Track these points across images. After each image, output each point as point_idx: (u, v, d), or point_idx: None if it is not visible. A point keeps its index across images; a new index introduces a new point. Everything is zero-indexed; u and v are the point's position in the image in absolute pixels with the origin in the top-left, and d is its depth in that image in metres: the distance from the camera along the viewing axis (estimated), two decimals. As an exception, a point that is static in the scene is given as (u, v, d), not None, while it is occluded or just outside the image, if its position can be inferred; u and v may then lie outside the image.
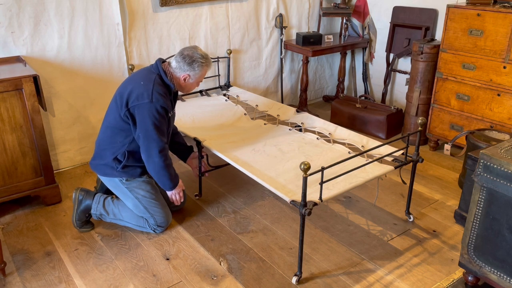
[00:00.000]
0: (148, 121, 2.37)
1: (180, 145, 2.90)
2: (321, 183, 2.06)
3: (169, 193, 2.59)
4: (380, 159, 2.44)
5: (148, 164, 2.45)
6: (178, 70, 2.50)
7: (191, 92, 3.71)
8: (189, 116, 3.25)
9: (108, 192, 2.71)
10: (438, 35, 3.73)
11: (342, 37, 4.30)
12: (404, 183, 2.64)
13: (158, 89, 2.41)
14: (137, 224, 2.60)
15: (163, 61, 2.55)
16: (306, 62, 4.19)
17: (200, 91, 3.79)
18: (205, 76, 3.80)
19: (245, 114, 3.35)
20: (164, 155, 2.43)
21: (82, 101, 3.30)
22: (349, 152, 2.72)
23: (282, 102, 4.39)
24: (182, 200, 2.64)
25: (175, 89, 2.55)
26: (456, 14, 3.21)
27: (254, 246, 2.52)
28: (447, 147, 3.54)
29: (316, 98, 4.87)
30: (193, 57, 2.47)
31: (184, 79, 2.52)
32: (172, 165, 2.52)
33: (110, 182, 2.59)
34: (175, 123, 2.87)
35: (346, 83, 4.73)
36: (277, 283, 2.24)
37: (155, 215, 2.56)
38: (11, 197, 2.77)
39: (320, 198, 2.09)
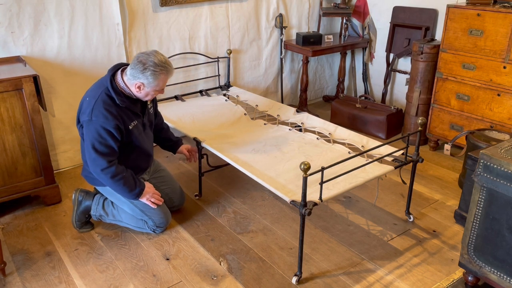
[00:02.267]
0: (88, 140, 2.30)
1: (168, 141, 2.84)
2: (321, 183, 2.06)
3: (142, 200, 2.49)
4: (380, 159, 2.44)
5: (100, 180, 2.42)
6: (132, 78, 2.29)
7: (191, 92, 3.76)
8: (189, 116, 3.25)
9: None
10: (438, 35, 3.73)
11: (342, 37, 4.30)
12: (404, 183, 2.64)
13: (100, 107, 2.26)
14: (137, 225, 2.60)
15: (119, 67, 2.39)
16: (306, 62, 4.19)
17: (200, 91, 3.79)
18: (207, 76, 3.86)
19: (245, 114, 3.35)
20: (108, 172, 2.32)
21: (82, 101, 3.30)
22: (349, 152, 2.72)
23: (282, 102, 4.39)
24: (160, 203, 2.53)
25: (135, 96, 2.38)
26: (456, 14, 3.21)
27: (254, 246, 2.52)
28: (447, 147, 3.54)
29: (316, 98, 4.87)
30: (146, 64, 2.25)
31: (138, 87, 2.31)
32: (127, 177, 2.38)
33: (104, 190, 2.58)
34: (175, 120, 2.86)
35: (346, 83, 4.73)
36: (277, 283, 2.24)
37: (153, 216, 2.56)
38: (11, 197, 2.77)
39: (320, 198, 2.09)
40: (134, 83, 2.30)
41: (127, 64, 2.40)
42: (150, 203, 2.50)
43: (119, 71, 2.37)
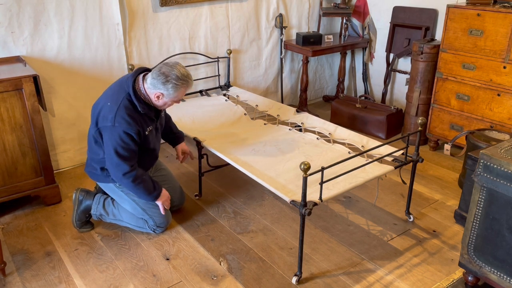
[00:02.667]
0: (110, 145, 2.32)
1: (170, 133, 2.85)
2: (321, 183, 2.06)
3: (157, 203, 2.52)
4: (380, 159, 2.44)
5: (119, 183, 2.45)
6: (152, 87, 2.32)
7: (191, 92, 3.76)
8: (189, 116, 3.25)
9: (108, 192, 2.71)
10: (438, 35, 3.73)
11: (342, 37, 4.30)
12: (404, 183, 2.64)
13: (123, 112, 2.29)
14: (137, 225, 2.60)
15: (140, 72, 2.41)
16: (306, 62, 4.19)
17: (200, 91, 3.79)
18: (207, 76, 3.86)
19: (245, 114, 3.35)
20: (130, 176, 2.35)
21: (82, 101, 3.30)
22: (349, 152, 2.72)
23: (282, 102, 4.39)
24: (167, 208, 2.59)
25: (153, 104, 2.42)
26: (456, 14, 3.21)
27: (254, 246, 2.52)
28: (447, 147, 3.54)
29: (316, 98, 4.87)
30: (168, 77, 2.29)
31: (157, 97, 2.35)
32: (147, 180, 2.42)
33: (106, 187, 2.58)
34: (175, 120, 2.87)
35: (346, 83, 4.73)
36: (277, 283, 2.24)
37: (154, 216, 2.56)
38: (11, 197, 2.77)
39: (320, 198, 2.09)
40: (154, 92, 2.33)
41: (147, 69, 2.43)
42: (162, 208, 2.53)
43: (140, 76, 2.38)
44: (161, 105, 2.42)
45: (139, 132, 2.35)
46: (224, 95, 3.69)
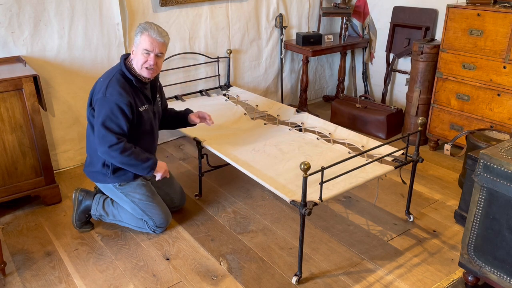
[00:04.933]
0: (99, 118, 2.32)
1: (176, 116, 2.82)
2: (321, 183, 2.06)
3: (157, 175, 2.49)
4: (380, 159, 2.44)
5: (109, 159, 2.40)
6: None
7: (191, 92, 3.76)
8: (189, 116, 3.25)
9: (108, 192, 2.70)
10: (438, 35, 3.73)
11: (342, 37, 4.30)
12: (404, 183, 2.64)
13: (114, 84, 2.34)
14: (137, 225, 2.60)
15: (129, 54, 2.49)
16: (306, 62, 4.19)
17: (200, 91, 3.79)
18: (207, 76, 3.86)
19: (245, 114, 3.35)
20: (118, 148, 2.31)
21: (82, 101, 3.30)
22: (349, 152, 2.72)
23: (282, 102, 4.39)
24: (167, 175, 2.56)
25: (146, 79, 2.45)
26: (456, 14, 3.21)
27: (254, 246, 2.52)
28: (447, 147, 3.54)
29: (316, 98, 4.87)
30: (137, 28, 2.41)
31: (132, 52, 2.43)
32: (137, 151, 2.39)
33: (105, 188, 2.58)
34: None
35: (346, 83, 4.73)
36: (277, 283, 2.24)
37: (154, 217, 2.56)
38: (11, 197, 2.77)
39: (320, 198, 2.09)
40: (132, 50, 2.43)
41: None
42: (160, 178, 2.52)
43: (129, 57, 2.47)
44: (137, 64, 2.40)
45: (131, 104, 2.35)
46: (224, 95, 3.69)
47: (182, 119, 2.83)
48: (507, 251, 1.90)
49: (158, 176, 2.51)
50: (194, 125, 2.84)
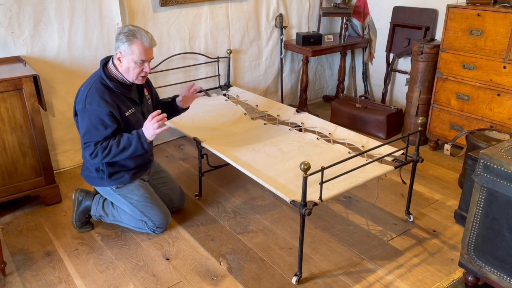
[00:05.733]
0: (81, 127, 2.30)
1: (166, 104, 2.71)
2: (321, 183, 2.06)
3: (151, 137, 2.34)
4: (380, 159, 2.44)
5: (100, 163, 2.36)
6: (114, 53, 2.30)
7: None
8: (189, 116, 3.25)
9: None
10: (438, 35, 3.73)
11: (342, 37, 4.30)
12: (404, 183, 2.64)
13: (93, 94, 2.26)
14: (136, 226, 2.59)
15: (109, 58, 2.40)
16: (306, 62, 4.19)
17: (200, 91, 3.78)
18: (207, 76, 3.85)
19: (245, 114, 3.35)
20: (96, 152, 2.27)
21: (82, 101, 3.30)
22: (349, 152, 2.72)
23: (282, 102, 4.39)
24: (164, 123, 2.38)
25: (128, 82, 2.37)
26: (456, 14, 3.21)
27: (254, 246, 2.52)
28: (447, 147, 3.54)
29: (316, 98, 4.87)
30: (121, 31, 2.26)
31: (118, 59, 2.30)
32: (117, 140, 2.29)
33: (103, 191, 2.57)
34: (175, 120, 2.86)
35: (346, 83, 4.73)
36: (277, 283, 2.24)
37: (152, 217, 2.55)
38: (11, 197, 2.77)
39: (320, 198, 2.09)
40: (115, 54, 2.30)
41: None
42: (159, 129, 2.31)
43: (110, 60, 2.39)
44: (126, 71, 2.32)
45: (112, 113, 2.28)
46: (224, 95, 3.69)
47: (172, 107, 2.72)
48: (507, 251, 1.90)
49: (156, 132, 2.30)
50: (187, 108, 2.74)
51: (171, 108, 2.72)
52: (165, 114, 2.32)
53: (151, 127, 2.31)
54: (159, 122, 2.30)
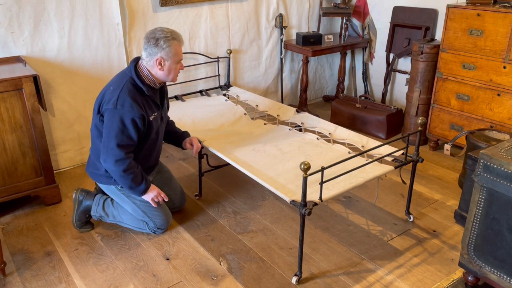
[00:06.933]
0: (109, 128, 2.28)
1: (174, 133, 2.79)
2: (321, 183, 2.06)
3: (145, 198, 2.47)
4: (380, 159, 2.44)
5: (108, 170, 2.37)
6: (149, 57, 2.31)
7: (191, 92, 3.76)
8: (189, 116, 3.25)
9: (108, 192, 2.70)
10: (438, 35, 3.73)
11: (342, 37, 4.30)
12: (404, 183, 2.64)
13: (125, 95, 2.26)
14: (137, 226, 2.59)
15: (138, 59, 2.41)
16: (306, 62, 4.19)
17: (200, 91, 3.79)
18: (207, 76, 3.85)
19: (245, 114, 3.35)
20: (122, 164, 2.30)
21: (82, 101, 3.30)
22: (349, 152, 2.72)
23: (282, 102, 4.39)
24: (165, 200, 2.53)
25: (157, 85, 2.42)
26: (456, 14, 3.21)
27: (254, 246, 2.52)
28: (447, 147, 3.54)
29: (316, 98, 4.87)
30: (156, 36, 2.29)
31: (160, 64, 2.32)
32: (137, 173, 2.37)
33: (107, 189, 2.57)
34: (175, 120, 2.86)
35: (346, 83, 4.73)
36: (277, 283, 2.24)
37: (154, 218, 2.55)
38: (11, 197, 2.76)
39: (320, 198, 2.09)
40: (155, 59, 2.31)
41: None
42: (153, 203, 2.49)
43: (139, 61, 2.40)
44: (167, 73, 2.37)
45: (143, 116, 2.31)
46: (224, 95, 3.69)
47: (177, 140, 2.78)
48: (507, 251, 1.90)
49: (150, 200, 2.48)
50: (184, 148, 2.81)
51: (176, 140, 2.79)
52: (166, 199, 2.53)
53: (153, 196, 2.47)
54: (157, 200, 2.49)
